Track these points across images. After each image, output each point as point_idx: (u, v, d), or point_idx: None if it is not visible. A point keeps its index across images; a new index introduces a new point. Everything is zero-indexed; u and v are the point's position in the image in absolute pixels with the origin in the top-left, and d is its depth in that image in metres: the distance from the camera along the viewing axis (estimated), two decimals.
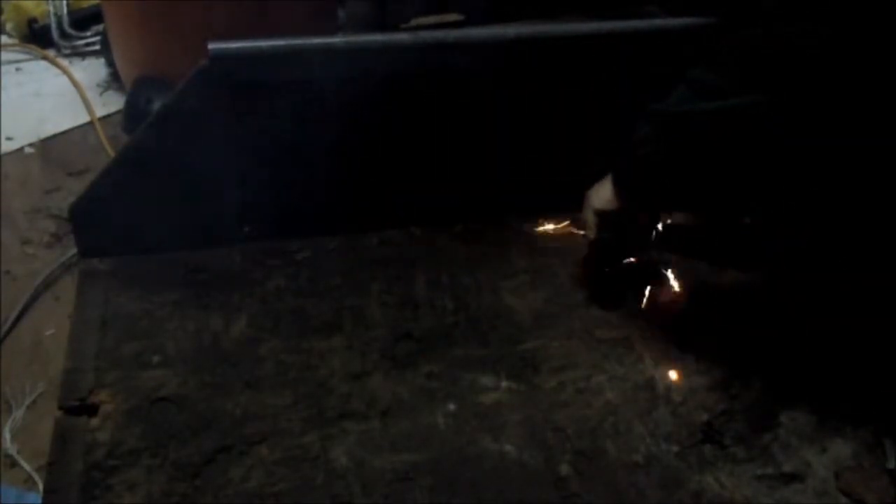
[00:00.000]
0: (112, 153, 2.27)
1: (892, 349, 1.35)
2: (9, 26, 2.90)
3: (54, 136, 2.42)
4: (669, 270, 1.52)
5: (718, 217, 1.58)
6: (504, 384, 1.34)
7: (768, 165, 1.33)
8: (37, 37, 2.86)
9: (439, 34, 1.57)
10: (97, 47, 2.80)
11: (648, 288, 1.50)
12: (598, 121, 1.54)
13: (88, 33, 2.86)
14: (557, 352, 1.40)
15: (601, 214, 1.43)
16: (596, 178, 1.43)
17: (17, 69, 2.76)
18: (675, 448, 1.25)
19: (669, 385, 1.34)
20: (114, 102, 2.55)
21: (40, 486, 1.43)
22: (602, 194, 1.41)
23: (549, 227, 1.64)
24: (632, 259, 1.52)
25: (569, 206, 1.56)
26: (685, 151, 1.28)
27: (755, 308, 1.48)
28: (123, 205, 1.49)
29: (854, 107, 1.19)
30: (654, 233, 1.51)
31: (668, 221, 1.53)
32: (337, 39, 1.58)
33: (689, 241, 1.56)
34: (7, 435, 1.55)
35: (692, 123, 1.25)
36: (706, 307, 1.48)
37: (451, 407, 1.30)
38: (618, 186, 1.39)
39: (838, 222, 1.38)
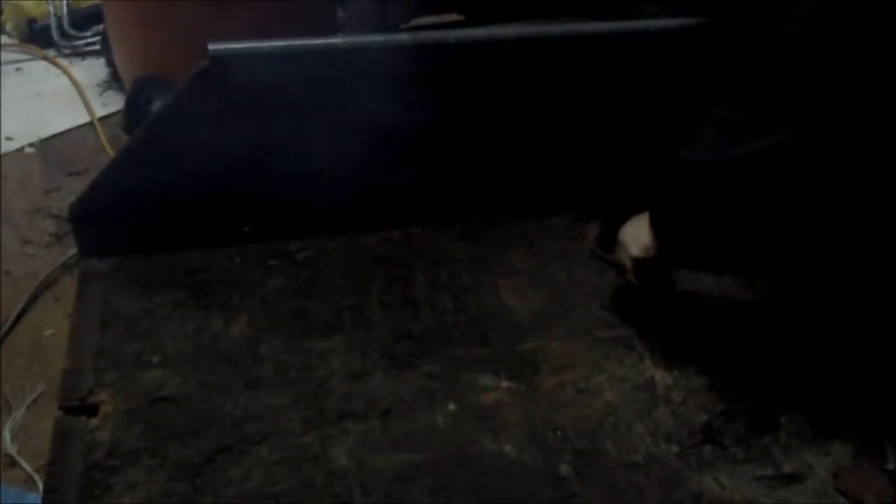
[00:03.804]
0: (112, 153, 2.27)
1: (892, 349, 1.35)
2: (9, 26, 2.90)
3: (54, 136, 2.43)
4: None
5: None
6: (504, 384, 1.34)
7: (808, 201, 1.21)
8: (37, 37, 2.86)
9: (439, 34, 1.57)
10: (97, 47, 2.80)
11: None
12: (599, 121, 1.54)
13: (88, 33, 2.86)
14: (557, 352, 1.39)
15: (640, 262, 1.34)
16: (594, 176, 1.42)
17: (17, 69, 2.77)
18: (675, 448, 1.25)
19: (669, 385, 1.34)
20: (114, 102, 2.56)
21: (40, 486, 1.43)
22: (641, 241, 1.33)
23: None
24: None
25: (568, 206, 1.57)
26: (725, 200, 1.18)
27: (755, 309, 1.48)
28: (123, 205, 1.49)
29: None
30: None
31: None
32: (337, 39, 1.58)
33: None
34: (7, 435, 1.55)
35: (727, 171, 1.14)
36: (707, 309, 1.48)
37: (451, 407, 1.30)
38: (658, 235, 1.30)
39: (842, 227, 1.36)
